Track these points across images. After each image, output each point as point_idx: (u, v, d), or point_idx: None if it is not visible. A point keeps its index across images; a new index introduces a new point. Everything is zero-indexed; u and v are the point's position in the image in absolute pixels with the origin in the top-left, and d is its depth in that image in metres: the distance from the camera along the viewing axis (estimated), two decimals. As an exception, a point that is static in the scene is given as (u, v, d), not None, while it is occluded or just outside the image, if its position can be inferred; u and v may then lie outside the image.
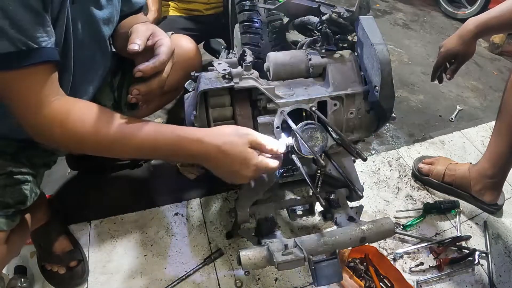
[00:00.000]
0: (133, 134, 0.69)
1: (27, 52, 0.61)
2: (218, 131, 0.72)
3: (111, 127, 0.68)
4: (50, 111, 0.66)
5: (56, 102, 0.67)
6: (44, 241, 1.06)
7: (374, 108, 0.92)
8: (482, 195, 1.30)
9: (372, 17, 0.90)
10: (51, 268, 1.05)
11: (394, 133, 1.66)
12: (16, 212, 0.77)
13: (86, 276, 1.07)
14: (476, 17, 1.09)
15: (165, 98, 1.17)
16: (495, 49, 2.47)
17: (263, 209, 0.92)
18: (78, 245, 1.12)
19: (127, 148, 0.70)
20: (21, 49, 0.61)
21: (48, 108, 0.66)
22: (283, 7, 1.06)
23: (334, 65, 0.92)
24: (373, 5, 2.94)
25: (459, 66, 1.16)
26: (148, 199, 1.28)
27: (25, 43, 0.61)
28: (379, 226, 0.82)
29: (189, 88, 0.89)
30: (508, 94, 1.11)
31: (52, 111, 0.67)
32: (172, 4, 1.72)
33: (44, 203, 1.07)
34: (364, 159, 0.76)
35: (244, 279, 1.07)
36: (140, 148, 0.70)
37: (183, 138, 0.69)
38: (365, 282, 1.06)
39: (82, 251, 1.11)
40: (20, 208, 0.78)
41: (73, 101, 0.71)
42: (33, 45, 0.62)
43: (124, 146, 0.70)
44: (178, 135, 0.70)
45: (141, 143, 0.69)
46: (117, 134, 0.68)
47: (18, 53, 0.61)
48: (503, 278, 1.14)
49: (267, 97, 0.84)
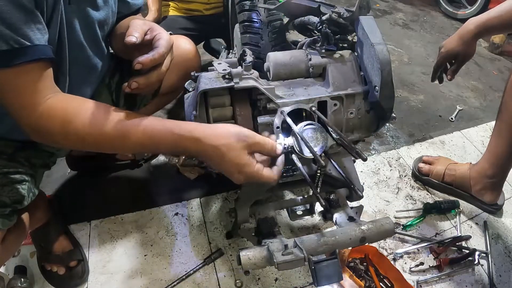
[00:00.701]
0: (131, 131, 0.68)
1: (19, 50, 0.61)
2: (217, 131, 0.70)
3: (110, 123, 0.67)
4: (46, 109, 0.66)
5: (52, 100, 0.67)
6: (44, 241, 1.06)
7: (374, 108, 0.92)
8: (482, 195, 1.30)
9: (372, 17, 0.90)
10: (51, 268, 1.05)
11: (394, 133, 1.66)
12: (12, 211, 0.77)
13: (86, 276, 1.07)
14: (476, 17, 1.08)
15: (164, 99, 1.17)
16: (495, 49, 2.47)
17: (263, 209, 0.92)
18: (78, 245, 1.12)
19: (127, 144, 0.69)
20: (14, 47, 0.60)
21: (44, 106, 0.65)
22: (283, 7, 1.06)
23: (334, 65, 0.92)
24: (373, 5, 2.94)
25: (459, 66, 1.16)
26: (148, 199, 1.28)
27: (17, 40, 0.60)
28: (379, 226, 0.82)
29: (189, 88, 0.89)
30: (508, 94, 1.11)
31: (49, 108, 0.66)
32: (172, 4, 1.72)
33: (44, 203, 1.06)
34: (364, 159, 0.76)
35: (244, 279, 1.07)
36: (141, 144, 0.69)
37: (181, 136, 0.68)
38: (365, 282, 1.06)
39: (82, 251, 1.11)
40: (17, 208, 0.78)
41: (70, 97, 0.70)
42: (26, 43, 0.61)
43: (123, 142, 0.69)
44: (175, 133, 0.68)
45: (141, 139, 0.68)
46: (116, 131, 0.67)
47: (10, 51, 0.60)
48: (503, 278, 1.14)
49: (267, 97, 0.85)
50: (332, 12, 0.92)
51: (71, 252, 1.07)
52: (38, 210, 1.04)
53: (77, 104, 0.69)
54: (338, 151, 0.92)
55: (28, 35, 0.62)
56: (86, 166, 1.34)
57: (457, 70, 1.17)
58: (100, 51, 0.89)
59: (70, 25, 0.75)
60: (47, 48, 0.66)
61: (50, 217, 1.08)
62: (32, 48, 0.62)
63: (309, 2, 1.00)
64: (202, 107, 0.83)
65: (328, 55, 0.94)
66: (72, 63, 0.78)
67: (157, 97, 1.11)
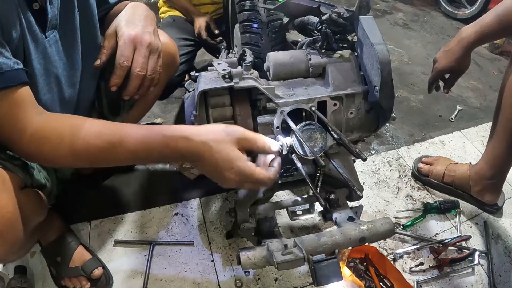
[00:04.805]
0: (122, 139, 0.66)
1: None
2: (207, 128, 0.69)
3: (100, 135, 0.66)
4: (34, 132, 0.66)
5: (38, 122, 0.67)
6: (62, 253, 1.01)
7: (374, 108, 0.92)
8: (482, 196, 1.29)
9: (372, 17, 0.90)
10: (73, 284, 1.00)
11: (394, 133, 1.66)
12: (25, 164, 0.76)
13: (111, 283, 1.03)
14: (470, 26, 1.05)
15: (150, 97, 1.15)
16: (495, 49, 2.47)
17: (263, 209, 0.92)
18: (92, 252, 1.08)
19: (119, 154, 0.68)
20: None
21: (31, 130, 0.66)
22: (283, 7, 1.06)
23: (334, 65, 0.92)
24: (373, 5, 2.93)
25: (455, 79, 1.15)
26: (148, 199, 1.28)
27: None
28: (379, 226, 0.82)
29: (189, 88, 0.89)
30: (504, 96, 1.11)
31: (36, 131, 0.66)
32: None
33: (57, 217, 1.07)
34: (364, 159, 0.76)
35: (244, 279, 1.07)
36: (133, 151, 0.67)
37: (169, 137, 0.67)
38: (365, 282, 1.06)
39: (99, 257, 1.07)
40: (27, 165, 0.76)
41: (56, 117, 0.70)
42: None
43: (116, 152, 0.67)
44: (164, 135, 0.67)
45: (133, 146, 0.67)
46: (107, 142, 0.66)
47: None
48: (503, 278, 1.14)
49: (267, 97, 0.85)
50: (332, 12, 0.92)
51: (92, 260, 1.03)
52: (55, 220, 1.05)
53: (64, 122, 0.69)
54: (338, 151, 0.92)
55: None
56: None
57: (453, 84, 1.16)
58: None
59: (45, 55, 0.76)
60: (19, 73, 0.65)
61: (67, 227, 1.07)
62: (3, 75, 0.62)
63: (309, 2, 1.00)
64: (202, 107, 0.84)
65: (328, 55, 0.94)
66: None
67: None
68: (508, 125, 1.11)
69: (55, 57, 0.79)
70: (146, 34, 0.82)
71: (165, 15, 1.74)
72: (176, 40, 1.23)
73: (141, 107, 1.16)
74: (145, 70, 0.81)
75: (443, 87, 1.20)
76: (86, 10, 0.85)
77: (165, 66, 0.94)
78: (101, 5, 0.92)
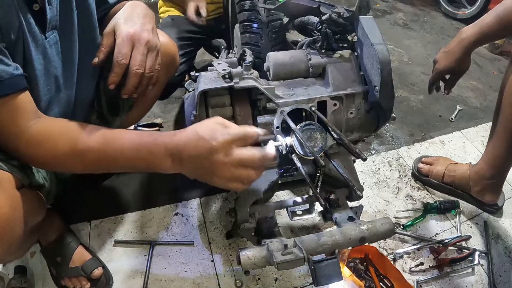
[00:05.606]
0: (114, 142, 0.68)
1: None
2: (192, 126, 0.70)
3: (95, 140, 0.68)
4: (30, 136, 0.67)
5: (35, 126, 0.68)
6: (62, 253, 1.01)
7: (374, 108, 0.92)
8: (482, 196, 1.29)
9: (372, 17, 0.90)
10: (73, 284, 1.00)
11: (394, 133, 1.66)
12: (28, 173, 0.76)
13: (112, 282, 1.03)
14: (470, 26, 1.05)
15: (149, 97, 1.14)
16: (495, 49, 2.47)
17: (263, 209, 0.92)
18: (92, 252, 1.08)
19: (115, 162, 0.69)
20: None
21: (28, 134, 0.67)
22: (283, 7, 1.06)
23: (334, 65, 0.93)
24: (373, 5, 2.93)
25: (455, 80, 1.15)
26: (148, 199, 1.28)
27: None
28: (379, 226, 0.82)
29: (189, 88, 0.89)
30: (504, 96, 1.11)
31: (33, 135, 0.67)
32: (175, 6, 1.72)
33: (57, 217, 1.07)
34: (364, 159, 0.76)
35: (244, 279, 1.07)
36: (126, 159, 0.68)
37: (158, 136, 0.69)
38: (365, 282, 1.06)
39: (99, 257, 1.07)
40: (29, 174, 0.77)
41: (52, 121, 0.71)
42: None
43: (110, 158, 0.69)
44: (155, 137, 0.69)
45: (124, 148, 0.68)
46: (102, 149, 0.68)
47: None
48: (503, 278, 1.14)
49: (267, 97, 0.85)
50: (332, 12, 0.92)
51: (92, 260, 1.03)
52: (55, 220, 1.05)
53: (60, 127, 0.70)
54: (338, 151, 0.92)
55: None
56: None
57: (453, 85, 1.16)
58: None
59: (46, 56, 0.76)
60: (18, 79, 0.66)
61: (66, 227, 1.07)
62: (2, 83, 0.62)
63: (309, 2, 1.00)
64: (202, 107, 0.84)
65: (328, 55, 0.94)
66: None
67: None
68: (508, 125, 1.11)
69: (55, 57, 0.79)
70: (144, 31, 0.82)
71: (165, 15, 1.74)
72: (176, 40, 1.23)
73: (140, 107, 1.16)
74: (143, 68, 0.81)
75: (444, 88, 1.20)
76: (84, 10, 0.85)
77: (165, 66, 0.94)
78: (100, 5, 0.92)
